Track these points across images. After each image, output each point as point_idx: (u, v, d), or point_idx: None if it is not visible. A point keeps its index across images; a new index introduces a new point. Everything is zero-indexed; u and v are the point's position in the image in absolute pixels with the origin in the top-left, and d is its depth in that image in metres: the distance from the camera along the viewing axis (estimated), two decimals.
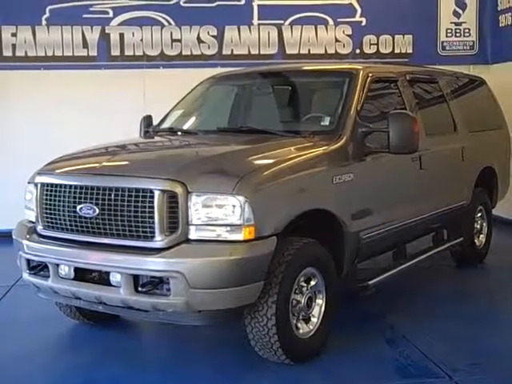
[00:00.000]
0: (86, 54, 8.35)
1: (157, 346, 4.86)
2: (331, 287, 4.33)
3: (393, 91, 5.48)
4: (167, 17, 8.44)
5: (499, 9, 8.77)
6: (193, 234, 3.79)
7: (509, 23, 8.52)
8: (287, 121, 5.37)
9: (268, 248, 3.84)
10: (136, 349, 4.63)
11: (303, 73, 5.73)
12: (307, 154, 4.36)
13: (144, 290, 3.80)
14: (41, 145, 7.79)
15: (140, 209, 3.82)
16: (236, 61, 8.34)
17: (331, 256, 4.35)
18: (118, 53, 8.40)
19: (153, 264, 3.76)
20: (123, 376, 4.14)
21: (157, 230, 3.78)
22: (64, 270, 4.09)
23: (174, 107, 5.82)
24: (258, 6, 8.60)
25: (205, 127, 5.53)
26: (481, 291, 6.00)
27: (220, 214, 3.77)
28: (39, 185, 4.31)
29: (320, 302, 4.29)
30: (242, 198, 3.75)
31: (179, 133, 5.42)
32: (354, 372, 4.15)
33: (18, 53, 8.26)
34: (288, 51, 8.68)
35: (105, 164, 4.25)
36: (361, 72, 5.06)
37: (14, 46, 8.24)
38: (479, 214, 6.75)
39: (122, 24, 8.38)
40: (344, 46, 8.78)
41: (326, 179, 4.39)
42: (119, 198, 3.88)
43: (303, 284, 4.18)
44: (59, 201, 4.14)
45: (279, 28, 8.64)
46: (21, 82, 8.28)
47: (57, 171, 4.36)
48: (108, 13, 8.36)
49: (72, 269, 4.05)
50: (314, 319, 4.26)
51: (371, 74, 5.11)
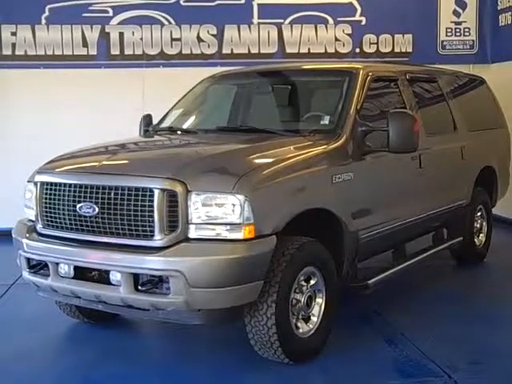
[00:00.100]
0: (86, 53, 8.35)
1: (156, 345, 4.86)
2: (331, 286, 4.32)
3: (393, 90, 5.47)
4: (167, 16, 8.44)
5: (499, 8, 8.76)
6: (192, 233, 3.78)
7: (509, 22, 8.51)
8: (287, 120, 5.36)
9: (268, 247, 3.84)
10: (136, 348, 4.62)
11: (303, 72, 5.73)
12: (307, 153, 4.36)
13: (144, 289, 3.79)
14: (40, 144, 7.79)
15: (140, 208, 3.82)
16: (236, 60, 8.34)
17: (331, 255, 4.35)
18: (118, 52, 8.40)
19: (152, 263, 3.76)
20: (122, 375, 4.14)
21: (156, 229, 3.77)
22: (64, 269, 4.09)
23: (174, 106, 5.82)
24: (258, 5, 8.59)
25: (204, 126, 5.53)
26: (481, 290, 6.00)
27: (220, 213, 3.76)
28: (39, 183, 4.30)
29: (320, 301, 4.28)
30: (242, 197, 3.74)
31: (179, 132, 5.43)
32: (354, 371, 4.15)
33: (18, 52, 8.26)
34: (288, 50, 8.67)
35: (104, 163, 4.24)
36: (361, 71, 5.05)
37: (14, 45, 8.24)
38: (479, 213, 6.75)
39: (122, 23, 8.38)
40: (344, 45, 8.77)
41: (326, 178, 4.38)
42: (119, 197, 3.88)
43: (303, 283, 4.17)
44: (59, 199, 4.13)
45: (279, 27, 8.64)
46: (20, 81, 8.27)
47: (56, 170, 4.36)
48: (108, 12, 8.36)
49: (72, 267, 4.05)
50: (314, 318, 4.26)
51: (371, 73, 5.11)
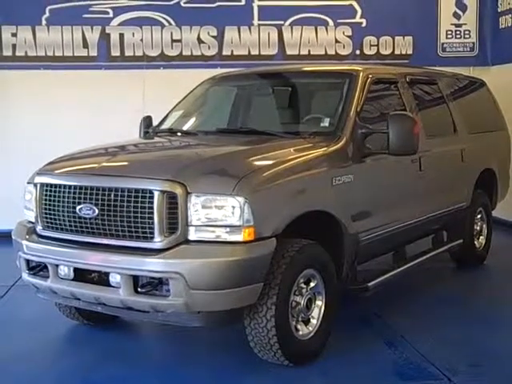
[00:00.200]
0: (86, 54, 8.35)
1: (156, 347, 4.85)
2: (331, 289, 4.32)
3: (393, 92, 5.47)
4: (167, 17, 8.44)
5: (499, 10, 8.77)
6: (192, 235, 3.78)
7: (509, 25, 8.51)
8: (287, 122, 5.36)
9: (267, 249, 3.83)
10: (135, 350, 4.62)
11: (303, 74, 5.72)
12: (307, 155, 4.35)
13: (143, 291, 3.79)
14: (40, 145, 7.79)
15: (139, 209, 3.81)
16: (236, 61, 8.33)
17: (331, 257, 4.34)
18: (118, 53, 8.40)
19: (152, 265, 3.75)
20: (122, 377, 4.13)
21: (156, 231, 3.77)
22: (63, 271, 4.08)
23: (174, 108, 5.82)
24: (259, 7, 8.59)
25: (204, 128, 5.53)
26: (480, 293, 5.99)
27: (219, 215, 3.76)
28: (39, 185, 4.30)
29: (319, 304, 4.28)
30: (242, 199, 3.74)
31: (179, 133, 5.42)
32: (353, 373, 4.14)
33: (18, 53, 8.26)
34: (288, 52, 8.66)
35: (104, 164, 4.24)
36: (361, 73, 5.05)
37: (14, 46, 8.24)
38: (479, 216, 6.75)
39: (122, 24, 8.38)
40: (344, 47, 8.77)
41: (326, 180, 4.38)
42: (119, 199, 3.88)
43: (303, 285, 4.17)
44: (59, 201, 4.13)
45: (279, 29, 8.64)
46: (21, 82, 8.27)
47: (56, 171, 4.35)
48: (108, 13, 8.36)
49: (71, 269, 4.04)
50: (314, 321, 4.25)
51: (371, 76, 5.11)
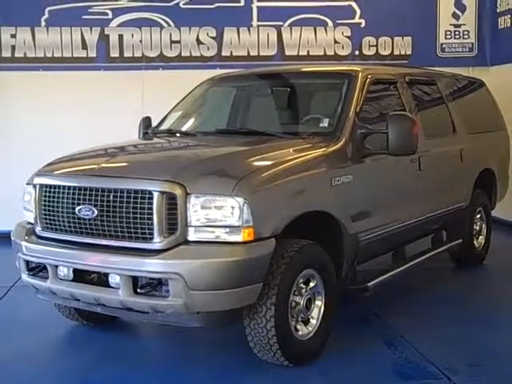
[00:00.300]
0: (85, 55, 8.35)
1: (156, 348, 4.85)
2: (330, 289, 4.32)
3: (392, 93, 5.47)
4: (166, 18, 8.44)
5: (498, 11, 8.77)
6: (192, 236, 3.78)
7: (508, 25, 8.52)
8: (286, 122, 5.37)
9: (267, 249, 3.83)
10: (135, 350, 4.62)
11: (302, 74, 5.72)
12: (306, 156, 4.35)
13: (143, 292, 3.79)
14: (40, 146, 7.79)
15: (139, 210, 3.81)
16: (235, 62, 8.34)
17: (330, 257, 4.35)
18: (117, 54, 8.40)
19: (152, 265, 3.75)
20: (121, 378, 4.13)
21: (156, 232, 3.77)
22: (63, 272, 4.08)
23: (173, 109, 5.82)
24: (258, 8, 8.59)
25: (204, 129, 5.53)
26: (480, 292, 5.99)
27: (219, 216, 3.76)
28: (38, 186, 4.30)
29: (319, 304, 4.28)
30: (241, 200, 3.74)
31: (178, 134, 5.42)
32: (353, 373, 4.14)
33: (17, 54, 8.26)
34: (287, 53, 8.67)
35: (104, 165, 4.24)
36: (360, 74, 5.05)
37: (14, 47, 8.24)
38: (478, 216, 6.75)
39: (121, 25, 8.38)
40: (343, 48, 8.77)
41: (325, 181, 4.38)
42: (118, 200, 3.88)
43: (302, 285, 4.17)
44: (58, 202, 4.13)
45: (278, 29, 8.64)
46: (20, 83, 8.27)
47: (55, 172, 4.35)
48: (107, 14, 8.36)
49: (71, 270, 4.04)
50: (313, 321, 4.25)
51: (370, 76, 5.11)
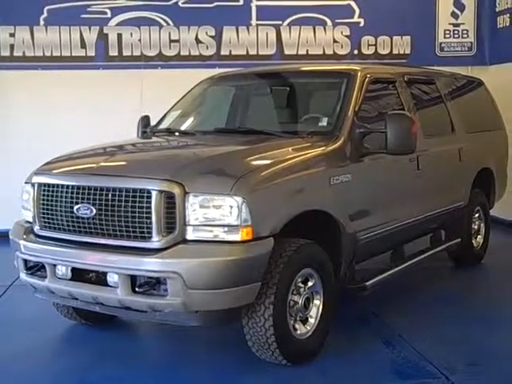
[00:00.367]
0: (84, 54, 8.34)
1: (154, 347, 4.85)
2: (329, 288, 4.32)
3: (391, 92, 5.47)
4: (165, 17, 8.43)
5: (497, 10, 8.77)
6: (190, 235, 3.78)
7: (507, 24, 8.52)
8: (285, 121, 5.36)
9: (265, 249, 3.83)
10: (133, 350, 4.61)
11: (301, 73, 5.72)
12: (305, 155, 4.36)
13: (141, 291, 3.79)
14: (39, 145, 7.78)
15: (137, 209, 3.81)
16: (234, 61, 8.33)
17: (329, 257, 4.35)
18: (116, 53, 8.39)
19: (150, 264, 3.75)
20: (119, 377, 4.13)
21: (154, 231, 3.77)
22: (61, 271, 4.08)
23: (172, 108, 5.82)
24: (257, 7, 8.59)
25: (202, 128, 5.53)
26: (478, 292, 6.00)
27: (217, 215, 3.76)
28: (36, 185, 4.29)
29: (317, 303, 4.28)
30: (240, 199, 3.74)
31: (177, 133, 5.42)
32: (351, 372, 4.15)
33: (16, 53, 8.25)
34: (286, 52, 8.66)
35: (102, 164, 4.24)
36: (359, 73, 5.06)
37: (12, 46, 8.23)
38: (477, 215, 6.75)
39: (120, 24, 8.37)
40: (342, 47, 8.77)
41: (324, 180, 4.38)
42: (116, 199, 3.87)
43: (300, 285, 4.17)
44: (56, 201, 4.13)
45: (277, 29, 8.63)
46: (19, 82, 8.26)
47: (54, 171, 4.35)
48: (106, 13, 8.35)
49: (69, 269, 4.04)
50: (312, 320, 4.25)
51: (369, 75, 5.11)
